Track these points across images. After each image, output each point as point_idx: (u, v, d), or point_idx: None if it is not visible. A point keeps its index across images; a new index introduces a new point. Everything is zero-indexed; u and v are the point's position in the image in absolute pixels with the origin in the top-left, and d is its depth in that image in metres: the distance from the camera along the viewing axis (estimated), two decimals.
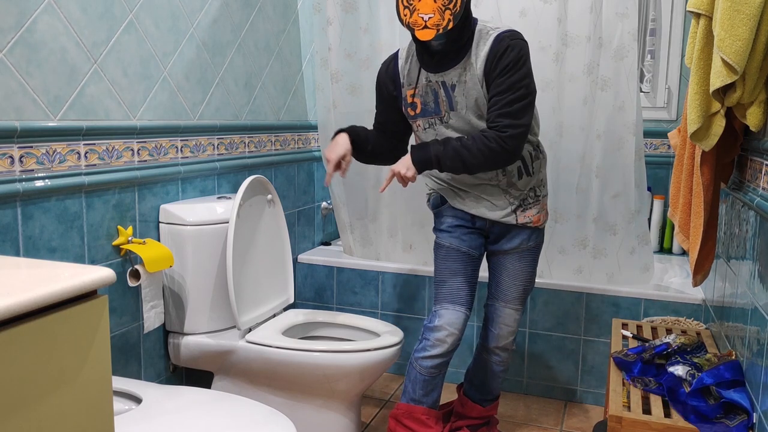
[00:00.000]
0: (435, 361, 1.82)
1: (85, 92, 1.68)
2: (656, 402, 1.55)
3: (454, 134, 1.79)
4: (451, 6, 1.65)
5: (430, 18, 1.64)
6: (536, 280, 2.46)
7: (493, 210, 1.85)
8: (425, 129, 1.83)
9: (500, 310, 1.94)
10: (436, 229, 1.94)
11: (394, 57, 1.87)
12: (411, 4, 1.66)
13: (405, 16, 1.67)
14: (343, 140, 1.82)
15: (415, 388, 1.84)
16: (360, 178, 2.73)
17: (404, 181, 1.76)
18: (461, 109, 1.77)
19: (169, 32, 1.97)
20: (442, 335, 1.81)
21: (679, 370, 1.58)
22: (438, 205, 1.93)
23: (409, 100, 1.81)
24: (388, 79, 1.86)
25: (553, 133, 2.40)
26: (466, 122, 1.78)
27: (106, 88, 1.74)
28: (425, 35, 1.66)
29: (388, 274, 2.67)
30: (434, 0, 1.64)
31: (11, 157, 1.48)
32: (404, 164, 1.75)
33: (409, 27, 1.67)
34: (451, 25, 1.65)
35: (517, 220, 1.85)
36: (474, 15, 2.43)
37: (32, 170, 1.53)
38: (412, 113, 1.83)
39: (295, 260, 2.80)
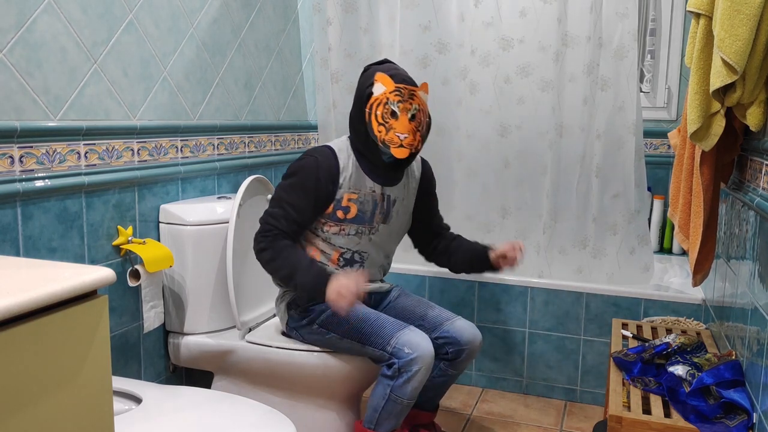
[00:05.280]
0: (423, 383, 1.71)
1: (85, 92, 1.68)
2: (656, 402, 1.55)
3: (374, 247, 1.82)
4: (420, 128, 1.74)
5: (405, 138, 1.69)
6: (537, 280, 2.48)
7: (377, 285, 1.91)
8: (349, 234, 1.76)
9: (455, 323, 1.83)
10: (313, 308, 1.78)
11: (333, 155, 1.74)
12: (387, 122, 1.68)
13: (380, 132, 1.69)
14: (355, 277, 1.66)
15: (399, 418, 1.75)
16: None
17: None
18: (393, 223, 1.84)
19: (169, 32, 1.97)
20: (425, 354, 1.66)
21: (679, 370, 1.58)
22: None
23: (344, 203, 1.74)
24: (329, 175, 1.71)
25: (553, 133, 2.40)
26: (389, 237, 1.86)
27: (106, 88, 1.74)
28: (401, 153, 1.69)
29: None
30: (409, 121, 1.70)
31: (11, 157, 1.48)
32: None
33: (384, 144, 1.69)
34: (420, 146, 1.74)
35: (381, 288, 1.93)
36: (474, 15, 2.46)
37: (32, 170, 1.53)
38: (342, 216, 1.74)
39: None
